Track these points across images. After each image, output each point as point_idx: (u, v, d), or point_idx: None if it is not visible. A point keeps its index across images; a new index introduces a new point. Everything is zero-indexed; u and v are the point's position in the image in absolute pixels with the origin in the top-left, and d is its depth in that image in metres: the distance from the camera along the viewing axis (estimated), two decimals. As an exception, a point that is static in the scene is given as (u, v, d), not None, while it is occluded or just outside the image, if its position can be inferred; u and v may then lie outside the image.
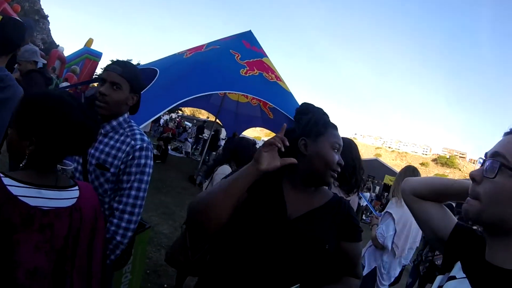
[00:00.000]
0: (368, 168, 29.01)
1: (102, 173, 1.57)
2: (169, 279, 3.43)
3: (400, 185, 2.93)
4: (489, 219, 0.74)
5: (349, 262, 1.25)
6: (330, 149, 1.23)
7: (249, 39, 7.28)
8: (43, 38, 35.69)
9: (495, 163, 0.74)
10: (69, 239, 1.02)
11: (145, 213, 5.10)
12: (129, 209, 1.52)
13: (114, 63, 1.64)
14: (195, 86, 5.19)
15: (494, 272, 0.75)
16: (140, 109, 4.64)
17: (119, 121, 1.63)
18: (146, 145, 1.60)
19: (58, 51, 11.68)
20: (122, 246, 1.51)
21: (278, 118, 8.79)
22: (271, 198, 1.21)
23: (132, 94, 1.63)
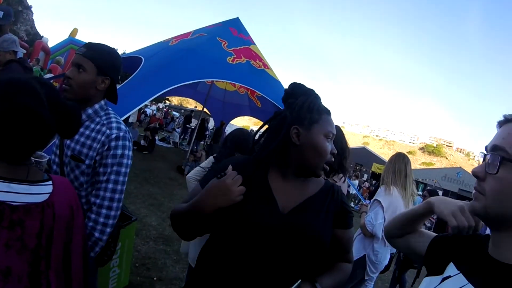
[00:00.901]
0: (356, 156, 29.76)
1: (77, 165, 1.46)
2: (159, 271, 3.38)
3: (389, 173, 2.94)
4: (495, 214, 0.72)
5: (342, 248, 1.22)
6: (324, 139, 1.14)
7: (236, 26, 7.16)
8: (26, 29, 34.61)
9: (496, 157, 0.72)
10: (42, 237, 0.94)
11: (133, 204, 5.04)
12: (106, 203, 1.42)
13: (83, 45, 1.52)
14: (181, 74, 5.07)
15: (500, 268, 0.73)
16: (125, 98, 4.53)
17: (95, 108, 1.52)
18: (123, 134, 1.49)
19: (42, 42, 11.36)
20: (101, 243, 1.43)
21: (266, 107, 8.74)
22: (260, 193, 1.13)
23: (102, 77, 1.50)
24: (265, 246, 1.05)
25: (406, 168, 2.93)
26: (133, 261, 3.33)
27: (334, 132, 1.18)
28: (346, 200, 1.27)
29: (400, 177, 2.88)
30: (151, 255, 3.66)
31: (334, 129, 1.19)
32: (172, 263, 3.60)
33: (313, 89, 1.26)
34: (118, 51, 6.71)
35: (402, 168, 2.91)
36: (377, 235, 2.78)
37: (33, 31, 36.19)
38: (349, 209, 1.24)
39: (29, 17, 38.48)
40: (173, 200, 5.84)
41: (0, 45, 3.35)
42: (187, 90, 10.20)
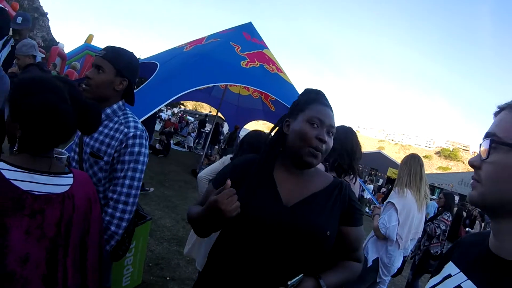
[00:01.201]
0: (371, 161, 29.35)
1: (95, 162, 1.53)
2: (172, 271, 3.43)
3: (404, 175, 2.91)
4: (492, 200, 0.72)
5: (349, 246, 1.21)
6: (307, 124, 1.15)
7: (249, 31, 7.22)
8: (43, 35, 35.70)
9: (487, 142, 0.73)
10: (61, 226, 1.00)
11: (148, 206, 5.12)
12: (123, 198, 1.48)
13: (103, 48, 1.60)
14: (196, 79, 5.15)
15: (500, 264, 0.71)
16: (141, 101, 4.63)
17: (113, 108, 1.60)
18: (140, 132, 1.55)
19: (58, 48, 11.64)
20: (117, 237, 1.48)
21: (279, 111, 8.75)
22: (265, 188, 1.16)
23: (120, 78, 1.58)
24: (268, 240, 1.08)
25: (422, 170, 2.90)
26: (147, 261, 3.39)
27: (322, 118, 1.15)
28: (355, 197, 1.26)
29: (415, 179, 2.85)
30: (164, 255, 3.72)
31: (324, 116, 1.16)
32: (185, 264, 3.64)
33: (320, 89, 1.29)
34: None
35: (417, 171, 2.87)
36: (391, 238, 2.75)
37: (49, 37, 37.22)
38: (357, 207, 1.23)
39: (45, 24, 39.60)
40: (187, 203, 5.90)
41: (20, 49, 3.49)
42: (202, 95, 10.33)
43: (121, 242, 1.59)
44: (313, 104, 1.19)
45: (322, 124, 1.15)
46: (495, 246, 0.74)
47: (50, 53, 10.77)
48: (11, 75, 3.01)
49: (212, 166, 2.78)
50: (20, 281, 0.90)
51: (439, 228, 4.06)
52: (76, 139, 1.67)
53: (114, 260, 1.67)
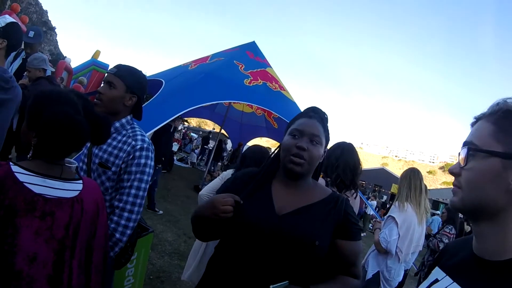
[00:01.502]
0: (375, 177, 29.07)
1: (103, 172, 1.62)
2: (172, 285, 3.45)
3: (404, 189, 2.94)
4: (471, 204, 0.76)
5: (345, 261, 1.22)
6: (288, 136, 1.25)
7: (253, 50, 7.38)
8: (50, 49, 36.34)
9: (465, 150, 0.78)
10: (70, 229, 1.07)
11: (150, 220, 5.15)
12: (128, 207, 1.56)
13: (114, 66, 1.73)
14: (200, 96, 5.27)
15: (483, 266, 0.75)
16: (145, 117, 4.71)
17: (121, 122, 1.70)
18: (147, 145, 1.65)
19: (65, 62, 11.83)
20: (121, 244, 1.55)
21: (282, 128, 8.75)
22: (260, 198, 1.23)
23: (129, 94, 1.69)
24: (258, 246, 1.13)
25: (421, 184, 2.92)
26: (148, 273, 3.42)
27: (301, 129, 1.24)
28: (352, 211, 1.27)
29: (415, 193, 2.87)
30: (165, 269, 3.74)
31: (304, 126, 1.24)
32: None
33: (316, 106, 1.36)
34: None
35: (417, 184, 2.90)
36: (392, 252, 2.76)
37: (56, 51, 37.85)
38: (353, 221, 1.23)
39: (53, 38, 40.36)
40: (189, 218, 5.87)
41: (31, 63, 3.62)
42: (205, 112, 10.44)
43: (124, 250, 1.65)
44: (298, 119, 1.30)
45: (302, 134, 1.23)
46: (478, 249, 0.78)
47: (57, 67, 10.96)
48: (22, 87, 3.13)
49: (212, 182, 2.83)
50: (26, 279, 0.96)
51: (442, 242, 4.05)
52: (85, 150, 1.76)
53: (116, 268, 1.72)
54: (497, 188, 0.72)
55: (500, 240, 0.73)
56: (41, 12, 39.48)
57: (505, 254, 0.71)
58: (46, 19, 40.46)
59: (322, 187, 1.34)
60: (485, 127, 0.77)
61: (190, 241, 4.83)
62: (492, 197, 0.73)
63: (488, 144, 0.74)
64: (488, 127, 0.76)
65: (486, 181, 0.73)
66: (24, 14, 11.15)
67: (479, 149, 0.75)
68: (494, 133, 0.74)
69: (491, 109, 0.78)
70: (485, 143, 0.75)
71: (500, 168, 0.72)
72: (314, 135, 1.23)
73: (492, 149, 0.73)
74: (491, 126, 0.76)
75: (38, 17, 38.26)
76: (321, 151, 1.25)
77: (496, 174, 0.72)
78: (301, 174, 1.23)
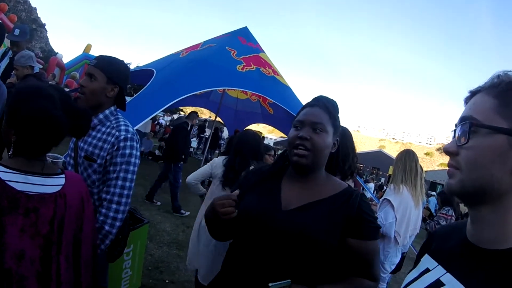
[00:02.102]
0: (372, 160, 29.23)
1: (89, 165, 1.61)
2: (171, 274, 3.46)
3: (399, 171, 2.90)
4: (473, 187, 0.68)
5: (360, 261, 1.13)
6: (292, 129, 1.21)
7: (245, 35, 7.26)
8: (41, 46, 35.94)
9: (465, 126, 0.70)
10: (54, 224, 1.05)
11: (148, 211, 5.16)
12: (116, 198, 1.55)
13: (95, 58, 1.70)
14: (192, 84, 5.20)
15: (479, 254, 0.69)
16: (138, 108, 4.66)
17: (105, 114, 1.67)
18: (131, 135, 1.63)
19: (57, 59, 11.74)
20: (111, 236, 1.53)
21: (278, 113, 8.77)
22: (269, 193, 1.21)
23: (111, 85, 1.66)
24: (263, 241, 1.11)
25: (417, 166, 2.87)
26: (147, 265, 3.43)
27: (302, 119, 1.20)
28: (368, 208, 1.16)
29: (411, 175, 2.82)
30: (164, 259, 3.76)
31: (304, 116, 1.20)
32: (185, 267, 3.64)
33: (323, 95, 1.31)
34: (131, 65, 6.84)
35: (413, 166, 2.84)
36: (389, 235, 2.71)
37: (47, 48, 37.45)
38: (368, 218, 1.14)
39: (44, 35, 39.86)
40: (187, 207, 5.93)
41: (18, 61, 3.56)
42: (200, 100, 10.36)
43: (116, 242, 1.64)
44: (301, 110, 1.25)
45: (303, 124, 1.18)
46: (473, 236, 0.72)
47: (49, 63, 10.87)
48: (9, 86, 3.07)
49: (201, 169, 2.82)
50: (15, 277, 0.95)
51: (439, 224, 4.02)
52: (72, 144, 1.74)
53: (110, 261, 1.72)
54: (502, 168, 0.65)
55: (499, 227, 0.67)
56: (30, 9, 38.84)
57: (504, 243, 0.66)
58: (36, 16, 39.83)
59: (336, 182, 1.26)
60: (486, 100, 0.69)
61: (189, 230, 4.84)
62: (496, 178, 0.65)
63: (492, 119, 0.67)
64: (490, 101, 0.68)
65: (490, 160, 0.66)
66: (13, 13, 10.94)
67: (483, 125, 0.67)
68: (497, 107, 0.67)
69: (491, 82, 0.71)
70: (488, 118, 0.67)
71: (507, 146, 0.64)
72: (315, 123, 1.17)
73: (497, 124, 0.66)
74: (492, 100, 0.68)
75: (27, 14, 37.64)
76: (327, 139, 1.17)
77: (502, 152, 0.65)
78: (307, 166, 1.17)
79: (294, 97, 7.00)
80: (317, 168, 1.21)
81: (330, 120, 1.20)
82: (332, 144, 1.21)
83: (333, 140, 1.21)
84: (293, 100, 6.76)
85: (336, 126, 1.23)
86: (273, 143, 30.37)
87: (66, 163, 1.73)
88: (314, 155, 1.15)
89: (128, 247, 2.20)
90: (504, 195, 0.66)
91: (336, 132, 1.23)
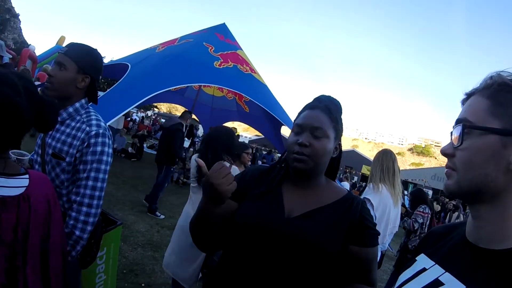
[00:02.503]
0: (345, 159, 29.89)
1: (57, 163, 1.46)
2: (147, 277, 3.32)
3: (377, 170, 2.92)
4: (468, 186, 0.69)
5: (360, 268, 1.11)
6: (291, 134, 1.16)
7: (223, 32, 7.17)
8: (14, 37, 34.26)
9: (458, 129, 0.72)
10: (18, 231, 0.93)
11: (121, 211, 4.97)
12: (86, 201, 1.42)
13: (65, 45, 1.56)
14: (168, 79, 5.06)
15: (478, 254, 0.69)
16: (111, 103, 4.48)
17: (75, 107, 1.54)
18: (103, 131, 1.50)
19: (29, 50, 11.20)
20: (82, 242, 1.41)
21: (254, 112, 8.76)
22: (270, 199, 1.14)
23: (82, 75, 1.53)
24: (266, 250, 1.05)
25: (394, 166, 2.90)
26: (121, 268, 3.28)
27: (301, 123, 1.14)
28: (368, 214, 1.15)
29: (388, 174, 2.84)
30: (139, 261, 3.61)
31: (304, 120, 1.14)
32: (160, 269, 3.53)
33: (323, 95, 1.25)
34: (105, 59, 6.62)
35: (390, 166, 2.87)
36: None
37: (20, 39, 35.81)
38: (369, 225, 1.12)
39: (17, 26, 38.09)
40: (161, 207, 5.77)
41: None
42: (175, 97, 10.16)
43: (89, 248, 1.52)
44: (301, 112, 1.19)
45: (302, 129, 1.13)
46: (472, 235, 0.73)
47: (21, 55, 10.38)
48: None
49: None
50: None
51: (416, 222, 4.08)
52: (39, 140, 1.59)
53: (83, 267, 1.59)
54: (496, 167, 0.66)
55: (498, 225, 0.67)
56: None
57: (504, 242, 0.66)
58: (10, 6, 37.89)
59: (337, 187, 1.23)
60: (479, 102, 0.71)
61: (163, 231, 4.71)
62: (491, 177, 0.67)
63: (484, 120, 0.68)
64: (483, 102, 0.70)
65: (484, 160, 0.67)
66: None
67: (475, 126, 0.69)
68: (490, 108, 0.69)
69: (485, 83, 0.72)
70: (481, 119, 0.69)
71: (499, 146, 0.66)
72: (315, 128, 1.11)
73: (489, 125, 0.67)
74: (485, 101, 0.70)
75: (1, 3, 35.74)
76: (328, 144, 1.12)
77: (494, 152, 0.66)
78: (306, 172, 1.13)
79: (271, 95, 6.99)
80: (317, 174, 1.17)
81: (332, 123, 1.14)
82: (333, 149, 1.16)
83: (334, 145, 1.17)
84: (269, 98, 6.75)
85: (338, 129, 1.18)
86: (248, 141, 30.34)
87: (33, 161, 1.59)
88: (313, 162, 1.10)
89: (101, 250, 2.07)
90: (501, 193, 0.67)
91: (338, 136, 1.18)
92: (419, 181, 26.60)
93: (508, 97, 0.68)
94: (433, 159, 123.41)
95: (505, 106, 0.67)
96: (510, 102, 0.67)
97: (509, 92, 0.68)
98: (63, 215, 1.45)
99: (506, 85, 0.69)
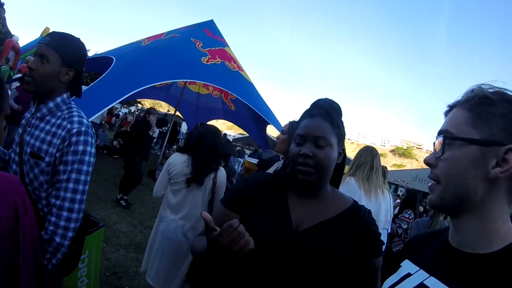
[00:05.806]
0: (329, 159, 30.42)
1: (36, 163, 1.34)
2: (130, 280, 3.21)
3: (352, 166, 2.86)
4: (450, 199, 0.72)
5: (365, 278, 1.10)
6: (293, 144, 1.12)
7: (211, 28, 7.05)
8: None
9: (440, 140, 0.75)
10: None
11: (103, 211, 4.81)
12: (67, 205, 1.31)
13: (47, 34, 1.42)
14: (153, 74, 4.91)
15: (461, 258, 0.71)
16: (94, 98, 4.30)
17: (56, 102, 1.42)
18: (85, 129, 1.39)
19: (13, 41, 10.81)
20: (63, 249, 1.31)
21: (239, 110, 8.66)
22: (277, 211, 1.10)
23: (66, 68, 1.41)
24: (275, 264, 1.02)
25: (374, 161, 2.85)
26: (103, 270, 3.15)
27: (303, 133, 1.09)
28: (374, 225, 1.13)
29: (363, 169, 2.79)
30: (122, 263, 3.48)
31: (306, 129, 1.10)
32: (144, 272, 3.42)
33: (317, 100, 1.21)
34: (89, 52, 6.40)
35: (367, 160, 2.83)
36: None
37: (4, 29, 34.42)
38: (376, 237, 1.11)
39: (1, 15, 36.65)
40: (144, 206, 5.62)
41: None
42: (160, 93, 9.94)
43: (70, 254, 1.41)
44: (302, 121, 1.14)
45: (305, 139, 1.09)
46: (456, 241, 0.75)
47: (4, 46, 10.03)
48: None
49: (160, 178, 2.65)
50: None
51: (400, 227, 4.12)
52: (17, 138, 1.46)
53: (64, 274, 1.48)
54: (477, 177, 0.69)
55: (480, 233, 0.70)
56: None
57: (486, 247, 0.69)
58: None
59: (342, 197, 1.19)
60: (461, 114, 0.75)
61: (146, 231, 4.56)
62: (471, 187, 0.70)
63: (465, 131, 0.72)
64: (464, 114, 0.74)
65: (464, 169, 0.70)
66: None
67: (456, 137, 0.73)
68: (470, 120, 0.72)
69: (466, 96, 0.76)
70: (462, 131, 0.73)
71: (479, 156, 0.69)
72: (318, 138, 1.07)
73: (469, 136, 0.71)
74: (466, 113, 0.73)
75: None
76: (332, 153, 1.08)
77: (474, 162, 0.70)
78: (312, 183, 1.09)
79: (257, 94, 6.91)
80: (323, 184, 1.13)
81: (334, 130, 1.10)
82: (337, 156, 1.12)
83: (338, 151, 1.13)
84: (256, 97, 6.67)
85: (341, 134, 1.13)
86: (232, 139, 30.22)
87: (11, 160, 1.46)
88: (319, 173, 1.07)
89: (83, 253, 1.95)
90: (481, 203, 0.70)
91: (340, 141, 1.14)
92: (401, 182, 27.07)
93: (488, 110, 0.70)
94: (415, 161, 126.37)
95: (485, 119, 0.70)
96: (490, 115, 0.70)
97: (489, 105, 0.70)
98: (43, 220, 1.34)
99: (486, 98, 0.71)
